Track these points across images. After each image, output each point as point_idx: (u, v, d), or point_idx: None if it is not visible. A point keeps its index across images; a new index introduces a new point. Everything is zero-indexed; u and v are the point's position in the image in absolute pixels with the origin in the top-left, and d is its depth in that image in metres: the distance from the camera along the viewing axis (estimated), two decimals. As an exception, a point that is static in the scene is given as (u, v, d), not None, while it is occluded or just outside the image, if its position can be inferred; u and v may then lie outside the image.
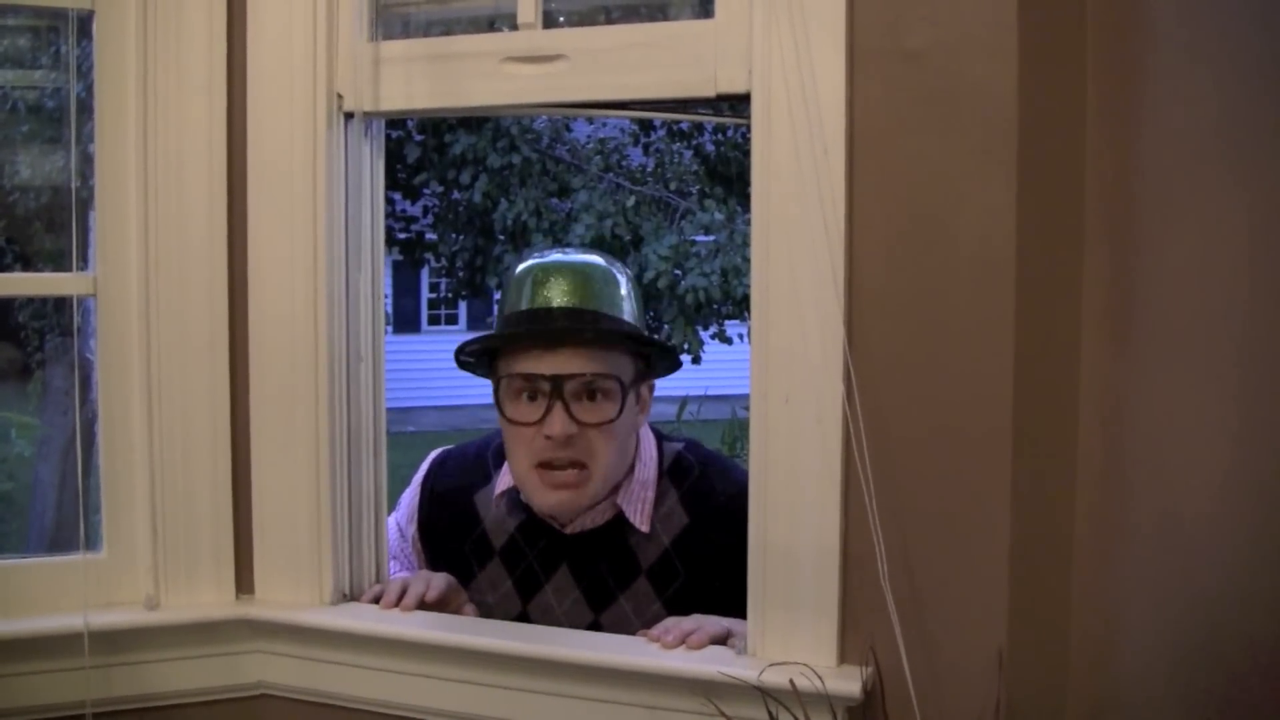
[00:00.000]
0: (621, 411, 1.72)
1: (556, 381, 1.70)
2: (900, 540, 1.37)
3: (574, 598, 1.80)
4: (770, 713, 1.34)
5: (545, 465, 1.73)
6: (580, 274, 1.80)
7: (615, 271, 1.85)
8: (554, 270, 1.81)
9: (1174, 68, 1.24)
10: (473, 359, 1.84)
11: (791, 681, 1.35)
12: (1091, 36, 1.35)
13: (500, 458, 1.89)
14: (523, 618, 1.82)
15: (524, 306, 1.79)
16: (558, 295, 1.77)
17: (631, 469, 1.81)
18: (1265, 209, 1.07)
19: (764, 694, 1.35)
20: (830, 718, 1.35)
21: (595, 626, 1.79)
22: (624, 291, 1.82)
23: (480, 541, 1.88)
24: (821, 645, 1.41)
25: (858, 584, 1.40)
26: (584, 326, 1.75)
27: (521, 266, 1.85)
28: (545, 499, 1.75)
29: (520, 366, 1.74)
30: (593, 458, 1.72)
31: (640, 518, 1.79)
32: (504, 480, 1.87)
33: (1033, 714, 1.37)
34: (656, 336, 1.91)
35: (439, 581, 1.72)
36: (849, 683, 1.36)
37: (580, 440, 1.71)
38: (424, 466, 2.01)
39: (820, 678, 1.35)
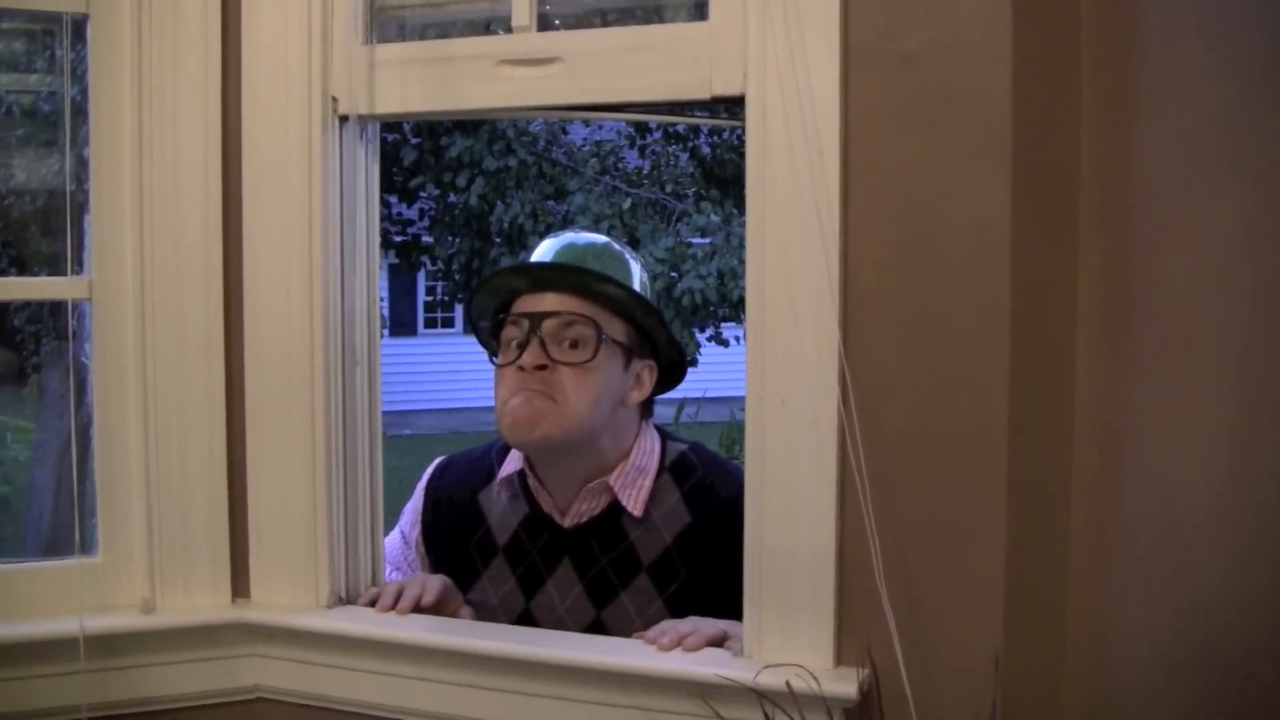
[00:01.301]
0: (596, 355, 1.74)
1: (534, 318, 1.74)
2: (896, 542, 1.38)
3: (576, 594, 1.81)
4: (766, 714, 1.34)
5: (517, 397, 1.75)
6: (591, 250, 1.86)
7: (628, 257, 1.89)
8: (567, 246, 1.87)
9: (1169, 69, 1.25)
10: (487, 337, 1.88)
11: (788, 683, 1.35)
12: (1086, 38, 1.35)
13: (504, 455, 1.90)
14: (526, 615, 1.82)
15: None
16: (560, 258, 1.84)
17: (628, 454, 1.82)
18: (1263, 210, 1.07)
19: (760, 696, 1.35)
20: (826, 719, 1.35)
21: (597, 623, 1.79)
22: (636, 275, 1.86)
23: (484, 540, 1.88)
24: (818, 647, 1.41)
25: (854, 586, 1.40)
26: (565, 269, 1.80)
27: (541, 245, 1.91)
28: (510, 417, 1.75)
29: (512, 311, 1.80)
30: (562, 394, 1.73)
31: (634, 503, 1.79)
32: (508, 467, 1.88)
33: (1029, 716, 1.37)
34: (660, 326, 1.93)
35: (435, 584, 1.73)
36: (845, 684, 1.36)
37: (552, 375, 1.73)
38: (427, 473, 2.01)
39: (816, 679, 1.35)
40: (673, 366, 1.90)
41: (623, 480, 1.80)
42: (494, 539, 1.88)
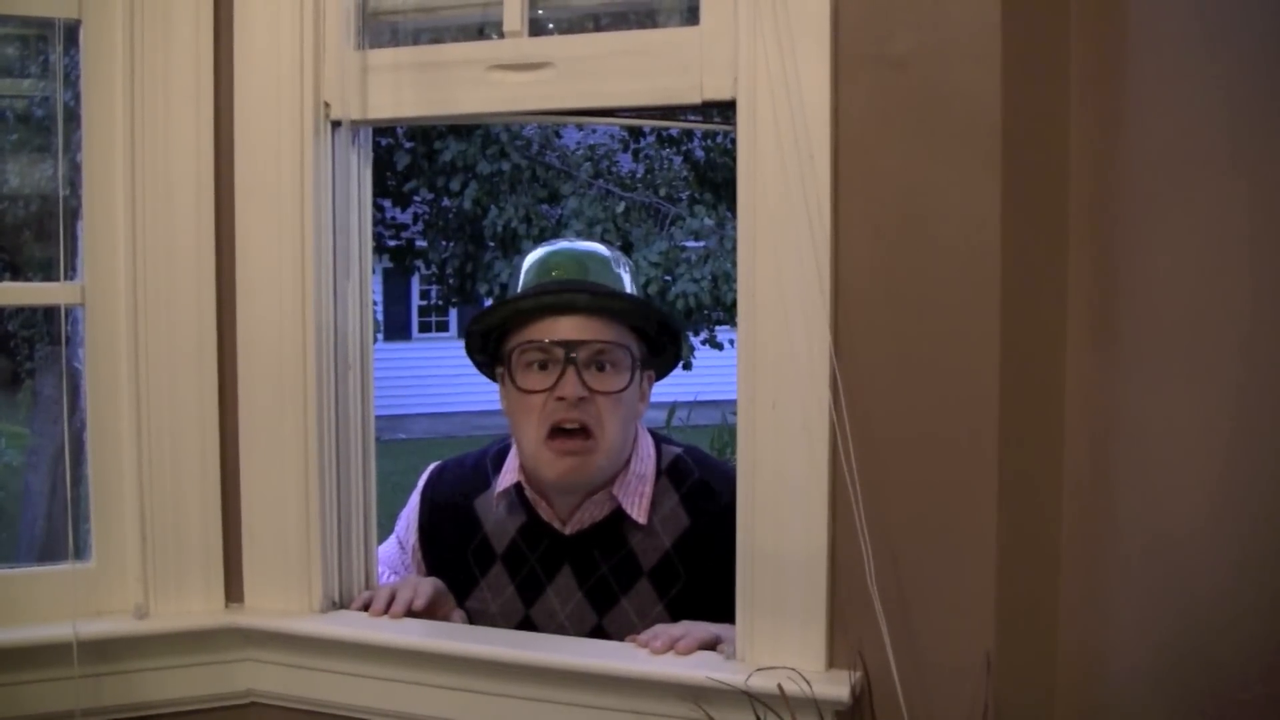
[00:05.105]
0: (630, 383, 1.75)
1: (569, 347, 1.72)
2: (887, 544, 1.38)
3: (576, 600, 1.80)
4: (759, 717, 1.34)
5: (555, 432, 1.73)
6: (587, 258, 1.86)
7: (624, 262, 1.90)
8: (564, 254, 1.88)
9: (1157, 68, 1.25)
10: (482, 342, 1.86)
11: (779, 686, 1.35)
12: (1075, 40, 1.35)
13: (499, 462, 1.90)
14: (526, 621, 1.82)
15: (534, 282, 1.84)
16: (567, 274, 1.82)
17: (628, 462, 1.82)
18: (1254, 208, 1.08)
19: (752, 698, 1.35)
20: (819, 722, 1.36)
21: (599, 629, 1.78)
22: (627, 282, 1.86)
23: (482, 547, 1.88)
24: (810, 650, 1.42)
25: (845, 588, 1.40)
26: (599, 293, 1.78)
27: (532, 254, 1.90)
28: (554, 468, 1.75)
29: (534, 334, 1.76)
30: (600, 426, 1.73)
31: (638, 510, 1.79)
32: (504, 480, 1.87)
33: (1021, 718, 1.37)
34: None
35: (426, 587, 1.73)
36: (837, 687, 1.37)
37: (590, 406, 1.72)
38: (423, 478, 2.01)
39: (808, 682, 1.35)
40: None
41: (625, 489, 1.80)
42: (491, 546, 1.87)
